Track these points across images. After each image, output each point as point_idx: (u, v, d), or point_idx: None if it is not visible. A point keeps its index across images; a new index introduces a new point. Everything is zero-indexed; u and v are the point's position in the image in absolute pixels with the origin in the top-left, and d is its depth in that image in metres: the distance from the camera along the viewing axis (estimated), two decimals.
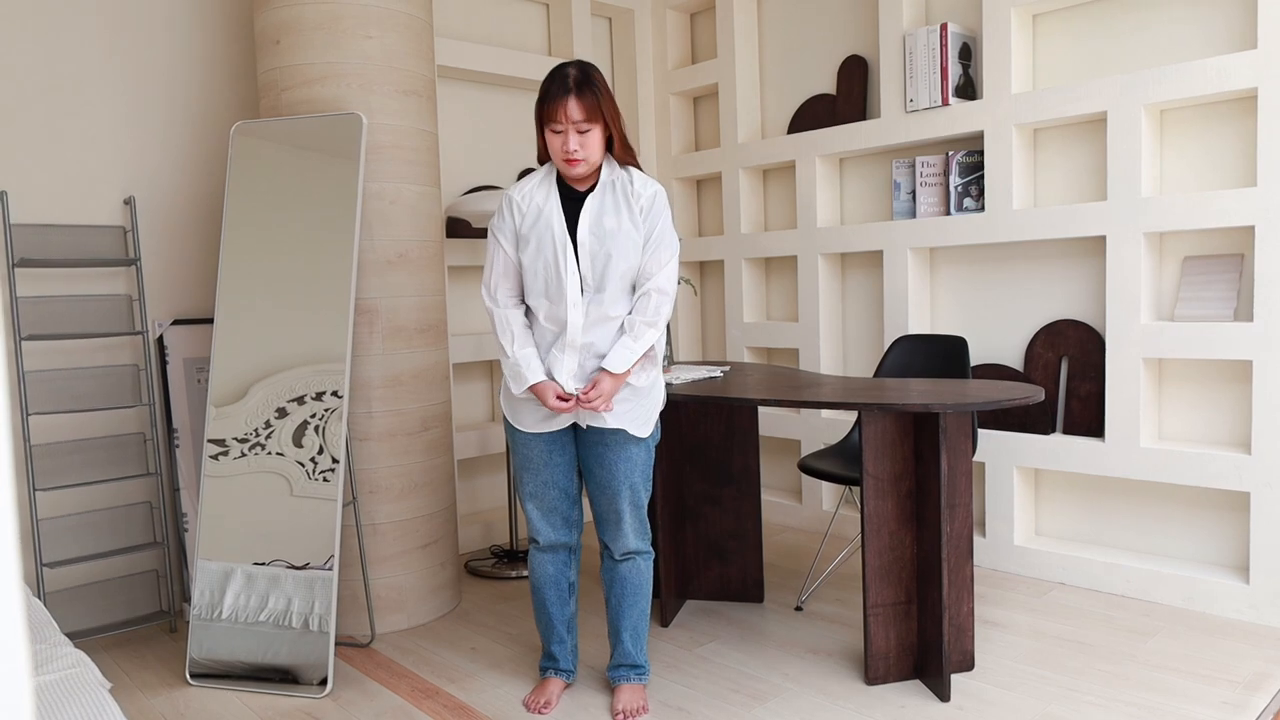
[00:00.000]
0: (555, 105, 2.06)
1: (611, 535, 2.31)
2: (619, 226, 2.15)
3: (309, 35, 2.77)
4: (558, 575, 2.38)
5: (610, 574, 2.36)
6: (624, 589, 2.34)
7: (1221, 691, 2.31)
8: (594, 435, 2.23)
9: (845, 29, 3.79)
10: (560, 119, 2.07)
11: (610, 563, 2.36)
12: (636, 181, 2.18)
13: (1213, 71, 2.70)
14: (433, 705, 2.41)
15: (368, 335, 2.84)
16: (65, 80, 2.89)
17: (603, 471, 2.24)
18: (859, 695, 2.37)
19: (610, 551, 2.34)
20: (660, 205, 2.19)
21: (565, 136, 2.08)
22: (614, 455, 2.22)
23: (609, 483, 2.24)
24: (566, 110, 2.06)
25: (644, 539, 2.33)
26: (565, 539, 2.35)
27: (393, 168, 2.85)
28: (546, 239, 2.15)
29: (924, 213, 3.46)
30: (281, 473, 2.63)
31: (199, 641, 2.58)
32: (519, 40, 4.04)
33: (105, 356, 2.98)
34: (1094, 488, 3.18)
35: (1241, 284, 2.82)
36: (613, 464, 2.22)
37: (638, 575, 2.34)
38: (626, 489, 2.24)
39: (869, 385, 2.65)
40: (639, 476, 2.25)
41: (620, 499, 2.25)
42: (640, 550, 2.33)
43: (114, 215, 3.00)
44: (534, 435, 2.25)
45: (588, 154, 2.10)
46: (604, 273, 2.14)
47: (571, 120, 2.06)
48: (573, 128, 2.07)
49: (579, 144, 2.08)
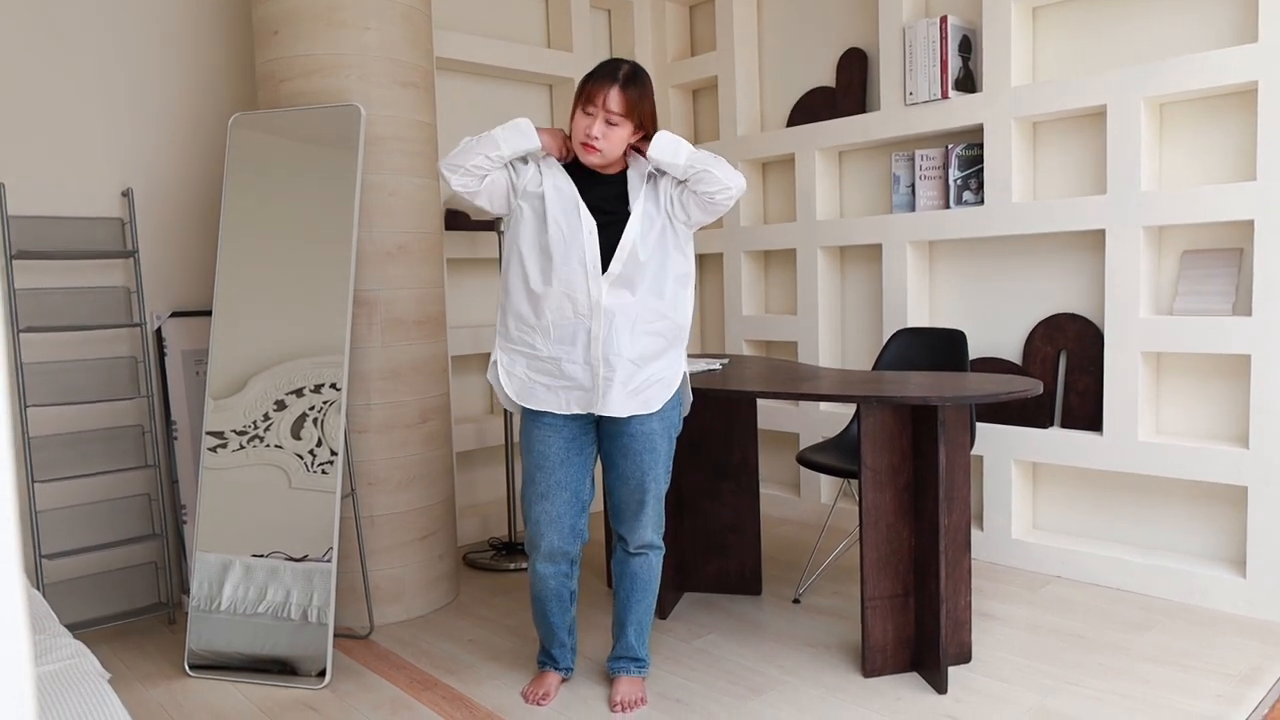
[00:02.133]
0: (597, 88, 2.07)
1: (630, 527, 2.28)
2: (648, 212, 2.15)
3: (307, 26, 2.76)
4: (559, 588, 2.33)
5: (622, 566, 2.35)
6: (634, 583, 2.34)
7: (1217, 685, 2.31)
8: (618, 425, 2.19)
9: (845, 21, 3.78)
10: (597, 102, 2.07)
11: (624, 555, 2.33)
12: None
13: (1213, 65, 2.70)
14: (431, 696, 2.41)
15: (366, 327, 2.84)
16: (63, 71, 2.88)
17: (627, 463, 2.21)
18: (856, 687, 2.38)
19: (626, 544, 2.32)
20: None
21: (594, 121, 2.08)
22: (639, 446, 2.18)
23: (633, 474, 2.21)
24: (606, 97, 2.06)
25: (659, 533, 2.32)
26: (568, 547, 2.27)
27: (392, 159, 2.85)
28: (571, 213, 2.12)
29: (923, 206, 3.46)
30: (280, 465, 2.64)
31: (197, 633, 2.59)
32: (518, 33, 4.03)
33: (103, 348, 2.98)
34: (1092, 481, 3.19)
35: (1240, 278, 2.82)
36: (639, 454, 2.19)
37: (648, 570, 2.33)
38: (651, 480, 2.22)
39: (868, 378, 2.65)
40: (662, 469, 2.23)
41: (645, 491, 2.22)
42: (654, 544, 2.32)
43: (112, 207, 2.99)
44: (553, 431, 2.19)
45: (606, 145, 2.10)
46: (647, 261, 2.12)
47: (607, 108, 2.07)
48: (604, 115, 2.07)
49: (602, 133, 2.08)
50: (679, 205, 2.16)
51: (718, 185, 2.09)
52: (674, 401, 2.24)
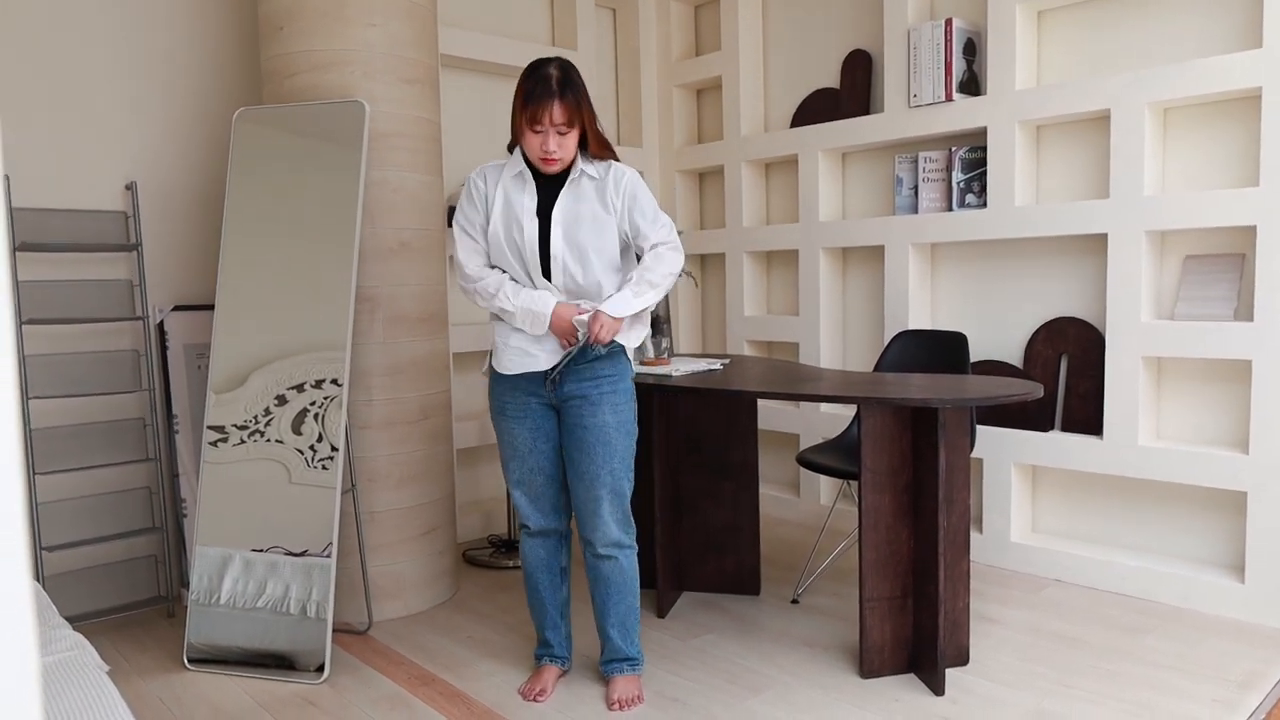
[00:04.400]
0: (539, 107, 2.07)
1: (591, 526, 2.28)
2: (592, 214, 2.18)
3: (313, 22, 2.76)
4: (550, 560, 2.39)
5: (593, 572, 2.35)
6: (607, 588, 2.33)
7: (1215, 690, 2.31)
8: (574, 417, 2.23)
9: (850, 23, 3.78)
10: (544, 121, 2.08)
11: (592, 560, 2.33)
12: (613, 171, 2.21)
13: (1217, 70, 2.70)
14: (429, 693, 2.42)
15: (368, 323, 2.84)
16: (68, 64, 2.89)
17: (581, 456, 2.24)
18: (854, 688, 2.38)
19: (592, 547, 2.31)
20: (633, 182, 2.21)
21: (545, 137, 2.10)
22: (593, 438, 2.22)
23: (587, 467, 2.24)
24: (551, 114, 2.07)
25: (627, 531, 2.31)
26: (555, 524, 2.37)
27: (395, 156, 2.85)
28: (515, 228, 2.19)
29: (926, 208, 3.46)
30: (280, 460, 2.64)
31: (197, 626, 2.59)
32: (523, 30, 4.03)
33: (105, 342, 2.98)
34: (1091, 485, 3.19)
35: (1242, 284, 2.82)
36: (592, 447, 2.22)
37: (619, 574, 2.32)
38: (606, 473, 2.23)
39: (868, 379, 2.65)
40: (619, 463, 2.24)
41: (599, 484, 2.23)
42: (622, 544, 2.31)
43: (116, 200, 2.99)
44: (516, 421, 2.27)
45: (564, 154, 2.13)
46: (582, 259, 2.18)
47: (554, 123, 2.08)
48: (554, 129, 2.09)
49: (558, 145, 2.11)
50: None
51: (666, 288, 2.23)
52: (628, 397, 2.27)
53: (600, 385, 2.22)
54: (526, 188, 2.20)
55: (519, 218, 2.18)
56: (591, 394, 2.21)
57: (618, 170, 2.21)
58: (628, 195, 2.19)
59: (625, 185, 2.19)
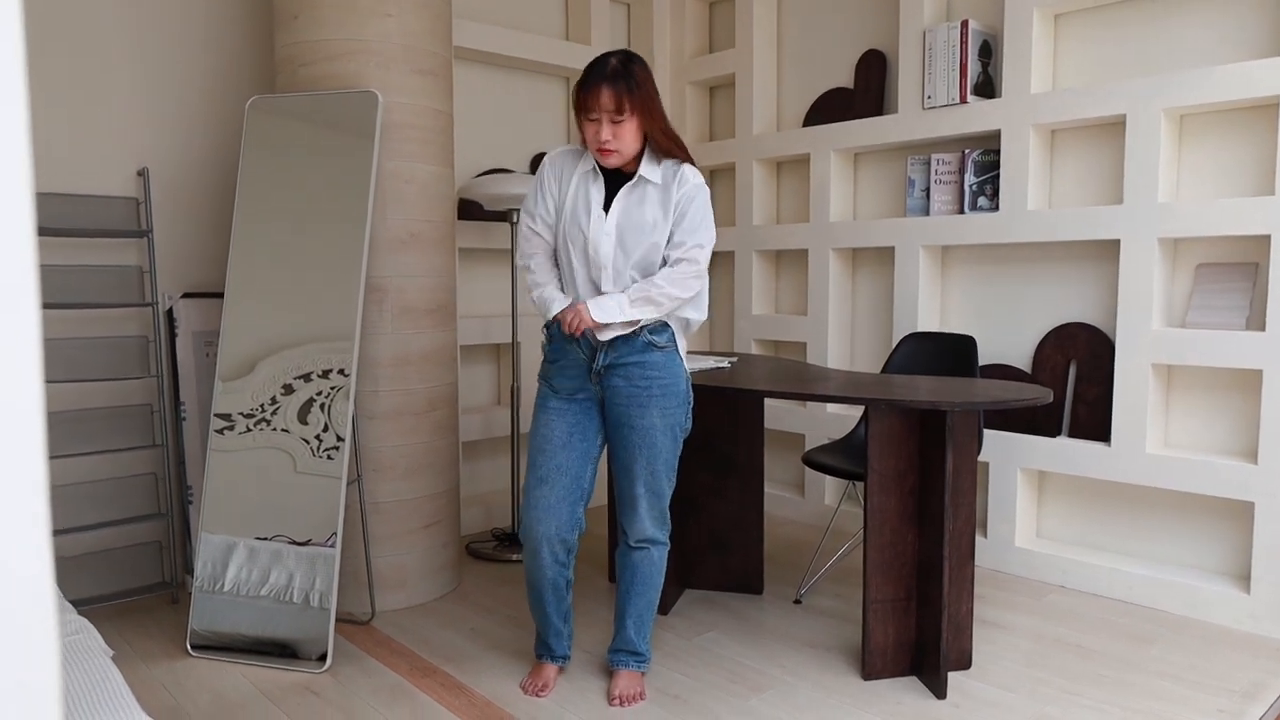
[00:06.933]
0: (588, 93, 2.06)
1: (629, 519, 2.30)
2: (652, 219, 2.15)
3: (327, 11, 2.76)
4: (555, 577, 2.32)
5: (624, 559, 2.35)
6: (634, 577, 2.34)
7: (1219, 700, 2.30)
8: (621, 415, 2.21)
9: (865, 23, 3.77)
10: (594, 107, 2.06)
11: (625, 548, 2.34)
12: (679, 174, 2.17)
13: (1235, 77, 2.68)
14: (430, 684, 2.42)
15: (377, 314, 2.84)
16: (80, 50, 2.89)
17: (625, 453, 2.23)
18: (855, 689, 2.38)
19: (626, 536, 2.32)
20: (695, 192, 2.17)
21: (599, 125, 2.07)
22: (638, 439, 2.21)
23: (629, 465, 2.23)
24: (599, 98, 2.05)
25: (661, 529, 2.32)
26: (566, 536, 2.26)
27: (407, 147, 2.85)
28: (578, 222, 2.17)
29: (938, 210, 3.44)
30: (286, 449, 2.64)
31: (200, 613, 2.60)
32: (537, 24, 4.03)
33: (114, 327, 2.99)
34: (1098, 492, 3.17)
35: (1255, 293, 2.81)
36: (636, 447, 2.21)
37: (649, 565, 2.33)
38: (647, 474, 2.23)
39: (876, 381, 2.65)
40: (661, 464, 2.24)
41: (639, 482, 2.24)
42: (655, 540, 2.32)
43: (127, 186, 3.00)
44: (558, 415, 2.25)
45: (620, 145, 2.08)
46: (638, 261, 2.16)
47: (604, 109, 2.05)
48: (606, 116, 2.06)
49: (611, 134, 2.07)
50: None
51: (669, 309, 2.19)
52: (679, 399, 2.24)
53: (651, 387, 2.20)
54: (596, 183, 2.19)
55: (581, 215, 2.17)
56: (641, 395, 2.19)
57: (684, 174, 2.17)
58: (685, 200, 2.16)
59: (685, 191, 2.16)
